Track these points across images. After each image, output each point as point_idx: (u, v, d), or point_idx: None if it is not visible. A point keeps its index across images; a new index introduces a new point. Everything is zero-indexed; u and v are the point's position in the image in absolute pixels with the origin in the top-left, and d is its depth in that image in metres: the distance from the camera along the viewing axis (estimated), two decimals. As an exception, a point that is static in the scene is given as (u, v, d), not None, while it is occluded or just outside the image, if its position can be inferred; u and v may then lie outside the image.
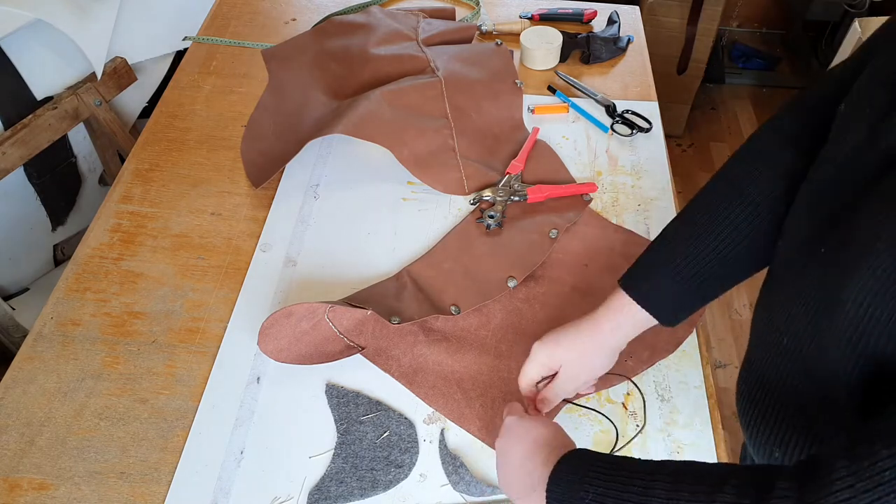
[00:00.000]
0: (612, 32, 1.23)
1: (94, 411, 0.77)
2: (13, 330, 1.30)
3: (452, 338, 0.83)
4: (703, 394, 0.79)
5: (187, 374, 0.80)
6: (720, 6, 2.00)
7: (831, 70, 0.66)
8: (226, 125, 1.09)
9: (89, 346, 0.82)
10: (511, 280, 0.87)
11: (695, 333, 0.84)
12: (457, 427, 0.76)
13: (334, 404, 0.77)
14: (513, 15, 1.31)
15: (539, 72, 1.20)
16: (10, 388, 0.79)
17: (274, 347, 0.79)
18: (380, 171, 1.02)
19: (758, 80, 2.62)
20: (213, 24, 1.29)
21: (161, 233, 0.94)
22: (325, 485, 0.71)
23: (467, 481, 0.72)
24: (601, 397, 0.79)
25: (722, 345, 1.88)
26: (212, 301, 0.87)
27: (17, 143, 1.25)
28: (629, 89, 1.17)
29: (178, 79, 1.18)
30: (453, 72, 1.10)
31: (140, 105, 1.54)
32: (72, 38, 1.28)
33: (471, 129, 1.05)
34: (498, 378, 0.80)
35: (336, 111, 1.04)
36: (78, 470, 0.73)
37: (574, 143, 1.07)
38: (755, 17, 2.69)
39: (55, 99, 1.32)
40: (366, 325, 0.82)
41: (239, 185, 1.01)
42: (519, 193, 0.97)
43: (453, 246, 0.92)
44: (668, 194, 1.00)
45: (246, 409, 0.77)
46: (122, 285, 0.88)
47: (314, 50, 1.18)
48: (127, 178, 1.01)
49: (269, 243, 0.93)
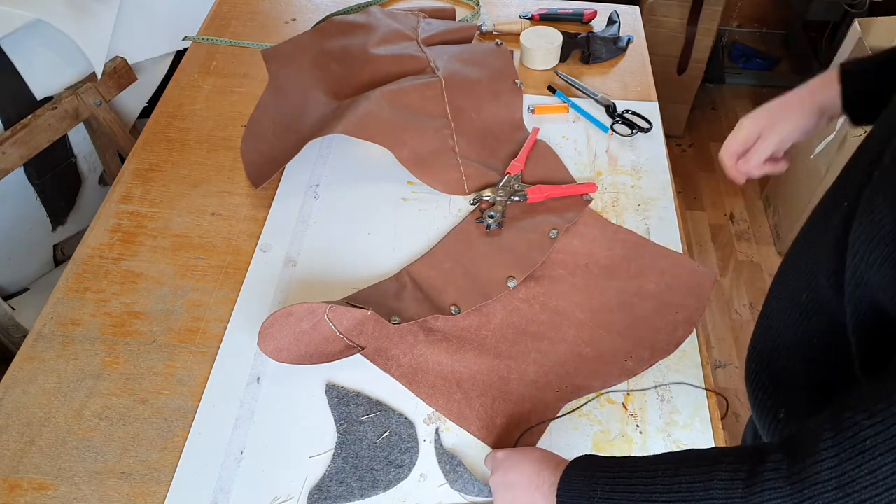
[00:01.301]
0: (612, 32, 1.23)
1: (94, 411, 0.77)
2: (13, 330, 1.30)
3: (452, 338, 0.83)
4: (703, 394, 0.79)
5: (187, 374, 0.80)
6: (720, 6, 2.00)
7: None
8: (226, 125, 1.09)
9: (89, 346, 0.82)
10: (511, 280, 0.87)
11: (695, 333, 0.84)
12: (454, 426, 0.76)
13: (334, 404, 0.77)
14: (513, 15, 1.31)
15: (539, 72, 1.20)
16: (10, 388, 0.79)
17: (274, 347, 0.79)
18: (380, 171, 1.02)
19: (758, 80, 2.62)
20: (213, 24, 1.29)
21: (161, 233, 0.94)
22: (325, 485, 0.71)
23: (465, 479, 0.72)
24: (601, 397, 0.79)
25: (722, 345, 1.88)
26: (212, 301, 0.87)
27: (17, 143, 1.25)
28: (629, 89, 1.17)
29: (178, 79, 1.18)
30: (453, 72, 1.10)
31: (140, 105, 1.54)
32: (72, 38, 1.28)
33: (471, 129, 1.05)
34: (498, 378, 0.80)
35: (336, 111, 1.04)
36: (78, 470, 0.73)
37: (574, 143, 1.07)
38: (755, 17, 2.69)
39: (55, 99, 1.32)
40: (366, 325, 0.82)
41: (239, 185, 1.01)
42: (519, 193, 0.97)
43: (453, 246, 0.92)
44: (668, 194, 1.00)
45: (246, 409, 0.77)
46: (122, 285, 0.88)
47: (314, 50, 1.18)
48: (127, 178, 1.01)
49: (269, 243, 0.93)
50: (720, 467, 0.50)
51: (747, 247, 2.11)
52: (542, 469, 0.62)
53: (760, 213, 2.19)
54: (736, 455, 0.51)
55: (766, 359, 0.67)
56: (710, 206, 2.21)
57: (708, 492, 0.50)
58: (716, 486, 0.50)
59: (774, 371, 0.66)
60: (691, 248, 2.10)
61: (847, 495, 0.44)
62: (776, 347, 0.66)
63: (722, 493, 0.49)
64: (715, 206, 2.21)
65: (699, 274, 0.90)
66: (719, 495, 0.49)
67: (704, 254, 2.08)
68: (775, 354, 0.66)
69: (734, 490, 0.49)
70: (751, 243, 2.11)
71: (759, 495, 0.48)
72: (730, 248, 2.10)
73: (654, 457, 0.56)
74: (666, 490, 0.52)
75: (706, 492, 0.50)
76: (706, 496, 0.50)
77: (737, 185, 0.83)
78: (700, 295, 0.88)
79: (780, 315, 0.66)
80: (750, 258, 2.07)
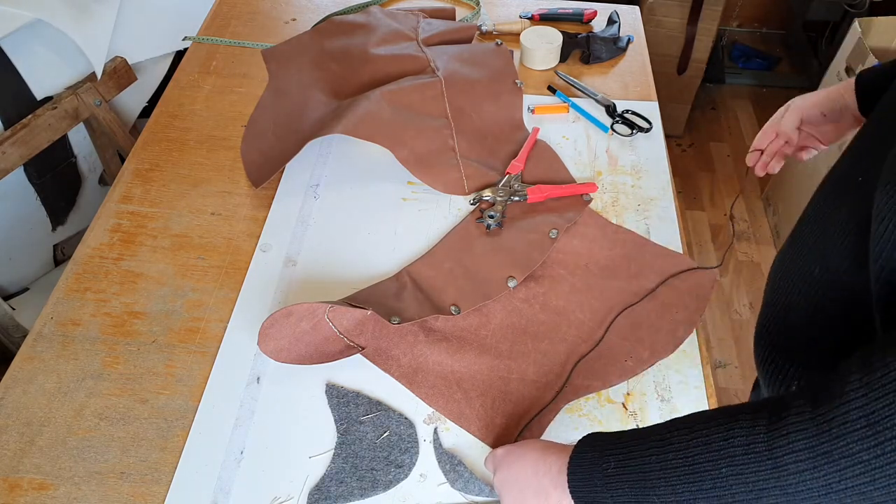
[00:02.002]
0: (612, 32, 1.23)
1: (94, 411, 0.77)
2: (13, 330, 1.30)
3: (452, 338, 0.83)
4: (703, 394, 0.79)
5: (187, 374, 0.80)
6: (720, 6, 2.00)
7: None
8: (226, 125, 1.09)
9: (89, 346, 0.82)
10: (511, 280, 0.87)
11: (695, 333, 0.84)
12: (454, 426, 0.76)
13: (334, 404, 0.77)
14: (513, 15, 1.31)
15: (539, 72, 1.20)
16: (10, 388, 0.79)
17: (274, 347, 0.79)
18: (380, 171, 1.02)
19: (758, 80, 2.62)
20: (213, 24, 1.29)
21: (161, 233, 0.94)
22: (325, 485, 0.71)
23: (466, 479, 0.72)
24: (601, 397, 0.79)
25: (722, 345, 1.88)
26: (212, 301, 0.87)
27: (17, 143, 1.25)
28: (629, 89, 1.17)
29: (178, 79, 1.18)
30: (453, 72, 1.10)
31: (140, 105, 1.54)
32: (72, 38, 1.28)
33: (471, 129, 1.05)
34: (498, 378, 0.80)
35: (336, 111, 1.04)
36: (78, 470, 0.73)
37: (574, 143, 1.07)
38: (755, 17, 2.69)
39: (55, 99, 1.32)
40: (366, 325, 0.82)
41: (239, 185, 1.01)
42: (519, 193, 0.97)
43: (453, 246, 0.92)
44: (668, 194, 1.00)
45: (246, 409, 0.77)
46: (122, 285, 0.88)
47: (314, 50, 1.18)
48: (127, 178, 1.01)
49: (269, 243, 0.93)
50: (738, 420, 0.49)
51: (747, 247, 2.11)
52: (547, 455, 0.60)
53: (760, 213, 2.19)
54: (754, 408, 0.49)
55: (777, 334, 0.68)
56: (710, 206, 2.21)
57: (727, 441, 0.48)
58: (736, 435, 0.48)
59: (786, 345, 0.66)
60: (691, 248, 2.10)
61: (878, 433, 0.42)
62: (787, 322, 0.66)
63: (743, 440, 0.48)
64: (715, 206, 2.21)
65: (699, 274, 0.90)
66: (740, 443, 0.48)
67: (704, 254, 2.08)
68: (786, 329, 0.66)
69: (755, 437, 0.47)
70: (751, 243, 2.11)
71: (783, 438, 0.46)
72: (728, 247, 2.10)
73: (665, 424, 0.54)
74: (683, 448, 0.51)
75: (725, 441, 0.48)
76: (726, 447, 0.48)
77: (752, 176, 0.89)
78: (700, 295, 0.88)
79: (790, 292, 0.66)
80: (750, 258, 2.07)
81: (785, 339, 0.67)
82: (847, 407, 0.44)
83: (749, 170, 0.92)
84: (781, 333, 0.67)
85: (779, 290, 0.69)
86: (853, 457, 0.43)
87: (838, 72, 1.80)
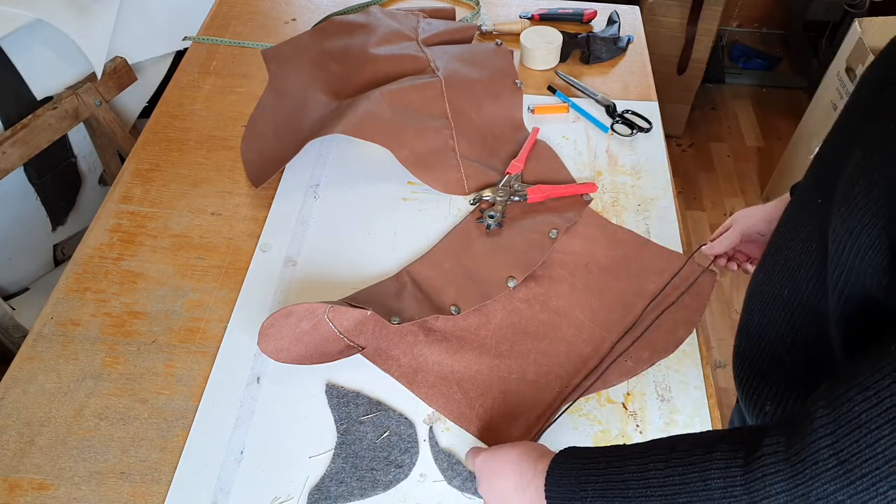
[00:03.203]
0: (612, 32, 1.23)
1: (94, 411, 0.77)
2: (13, 330, 1.30)
3: (452, 338, 0.83)
4: (703, 394, 0.79)
5: (187, 374, 0.80)
6: (720, 6, 2.00)
7: None
8: (226, 125, 1.09)
9: (89, 346, 0.82)
10: (511, 280, 0.87)
11: (695, 333, 0.84)
12: (453, 426, 0.76)
13: (334, 404, 0.77)
14: (513, 15, 1.31)
15: (539, 72, 1.20)
16: (10, 388, 0.79)
17: (274, 347, 0.79)
18: (380, 171, 1.02)
19: (758, 80, 2.62)
20: (213, 24, 1.29)
21: (161, 233, 0.94)
22: (325, 485, 0.71)
23: (464, 477, 0.72)
24: (601, 397, 0.79)
25: (722, 345, 1.88)
26: (212, 301, 0.87)
27: (17, 143, 1.25)
28: (629, 89, 1.17)
29: (178, 79, 1.18)
30: (453, 72, 1.10)
31: (140, 105, 1.54)
32: (72, 38, 1.28)
33: (471, 129, 1.05)
34: (498, 378, 0.80)
35: (336, 111, 1.04)
36: (78, 470, 0.73)
37: (574, 143, 1.07)
38: (755, 17, 2.69)
39: (55, 99, 1.32)
40: (366, 325, 0.82)
41: (239, 185, 1.01)
42: (519, 193, 0.97)
43: (453, 246, 0.92)
44: (668, 194, 1.00)
45: (246, 409, 0.77)
46: (122, 285, 0.88)
47: (314, 50, 1.18)
48: (127, 178, 1.01)
49: (269, 243, 0.93)
50: (716, 453, 0.49)
51: (747, 247, 2.10)
52: (524, 468, 0.60)
53: (760, 213, 2.19)
54: (731, 439, 0.49)
55: (751, 355, 0.67)
56: (710, 206, 2.21)
57: (706, 482, 0.48)
58: (713, 475, 0.48)
59: (759, 367, 0.66)
60: (691, 249, 2.09)
61: (848, 471, 0.42)
62: (760, 343, 0.66)
63: (720, 482, 0.48)
64: (715, 206, 2.21)
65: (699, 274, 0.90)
66: (717, 485, 0.48)
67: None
68: (759, 350, 0.66)
69: (732, 477, 0.47)
70: (751, 243, 2.11)
71: (759, 481, 0.46)
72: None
73: (644, 445, 0.54)
74: (661, 483, 0.50)
75: (704, 482, 0.48)
76: (704, 487, 0.48)
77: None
78: (700, 295, 0.88)
79: (763, 311, 0.66)
80: (750, 258, 2.07)
81: (758, 360, 0.66)
82: (817, 445, 0.44)
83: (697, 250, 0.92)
84: (755, 354, 0.67)
85: (753, 310, 0.69)
86: (829, 497, 0.43)
87: (838, 72, 1.80)
